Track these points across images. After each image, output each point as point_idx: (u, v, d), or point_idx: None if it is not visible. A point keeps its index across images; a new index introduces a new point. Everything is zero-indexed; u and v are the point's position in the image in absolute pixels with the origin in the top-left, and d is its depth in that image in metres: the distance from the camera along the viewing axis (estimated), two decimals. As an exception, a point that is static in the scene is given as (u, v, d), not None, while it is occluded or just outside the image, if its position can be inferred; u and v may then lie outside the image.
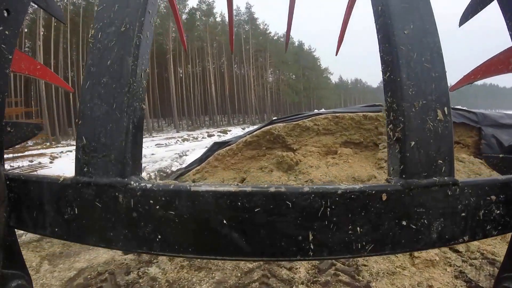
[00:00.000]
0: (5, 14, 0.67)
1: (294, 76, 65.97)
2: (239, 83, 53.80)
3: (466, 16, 0.98)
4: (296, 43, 68.61)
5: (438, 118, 0.56)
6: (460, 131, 4.24)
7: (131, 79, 0.57)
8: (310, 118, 4.32)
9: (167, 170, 7.48)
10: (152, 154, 12.67)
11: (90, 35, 0.63)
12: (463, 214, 0.58)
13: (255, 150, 4.46)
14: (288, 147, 4.41)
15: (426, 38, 0.59)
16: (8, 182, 0.64)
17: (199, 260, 1.90)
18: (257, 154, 4.48)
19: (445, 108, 0.57)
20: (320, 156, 4.31)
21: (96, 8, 0.66)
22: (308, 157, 4.19)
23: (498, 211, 0.61)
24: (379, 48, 0.63)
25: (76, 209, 0.57)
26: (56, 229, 0.62)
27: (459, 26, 1.97)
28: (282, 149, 4.46)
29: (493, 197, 0.59)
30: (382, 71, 0.62)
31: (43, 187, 0.61)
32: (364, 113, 4.20)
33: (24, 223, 0.66)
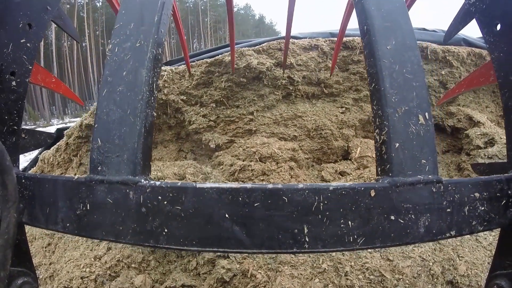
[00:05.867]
0: (28, 28, 0.77)
1: (255, 49, 67.63)
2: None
3: (450, 33, 1.06)
4: (257, 16, 70.06)
5: (420, 122, 0.63)
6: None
7: (144, 88, 0.65)
8: (261, 46, 1.90)
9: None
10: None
11: (107, 49, 0.71)
12: (449, 210, 0.63)
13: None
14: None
15: (407, 52, 0.67)
16: (23, 180, 0.70)
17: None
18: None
19: (426, 114, 0.64)
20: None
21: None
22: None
23: (483, 208, 0.67)
24: (366, 63, 0.71)
25: (88, 205, 0.63)
26: (68, 224, 0.67)
27: (444, 43, 1.96)
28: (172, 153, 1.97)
29: (477, 194, 0.65)
30: (368, 82, 0.70)
31: (58, 185, 0.67)
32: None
33: (36, 219, 0.72)
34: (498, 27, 0.78)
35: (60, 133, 2.30)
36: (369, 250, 1.82)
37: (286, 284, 1.63)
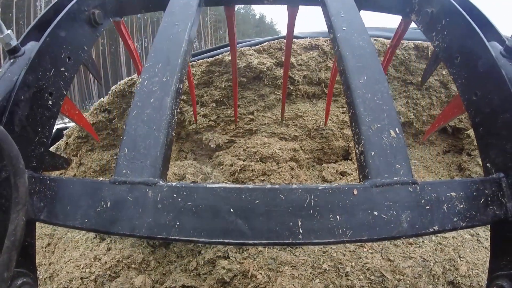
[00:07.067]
0: (67, 60, 0.99)
1: (255, 49, 72.11)
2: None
3: (425, 76, 1.31)
4: (258, 16, 73.65)
5: (392, 135, 0.80)
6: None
7: (168, 112, 0.84)
8: (262, 45, 2.04)
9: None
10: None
11: (138, 82, 0.93)
12: (428, 207, 0.76)
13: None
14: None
15: (377, 85, 0.88)
16: (48, 182, 0.83)
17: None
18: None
19: (397, 129, 0.81)
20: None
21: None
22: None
23: (462, 206, 0.79)
24: (345, 96, 0.92)
25: (108, 203, 0.76)
26: (86, 220, 0.79)
27: (421, 86, 2.17)
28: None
29: (453, 194, 0.78)
30: (347, 111, 0.90)
31: (81, 186, 0.80)
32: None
33: (55, 216, 0.84)
34: (458, 60, 0.98)
35: (59, 133, 2.47)
36: (370, 250, 1.96)
37: (286, 285, 1.76)
